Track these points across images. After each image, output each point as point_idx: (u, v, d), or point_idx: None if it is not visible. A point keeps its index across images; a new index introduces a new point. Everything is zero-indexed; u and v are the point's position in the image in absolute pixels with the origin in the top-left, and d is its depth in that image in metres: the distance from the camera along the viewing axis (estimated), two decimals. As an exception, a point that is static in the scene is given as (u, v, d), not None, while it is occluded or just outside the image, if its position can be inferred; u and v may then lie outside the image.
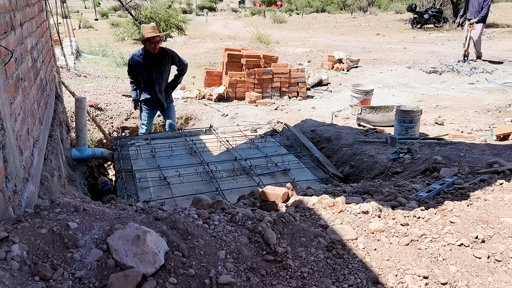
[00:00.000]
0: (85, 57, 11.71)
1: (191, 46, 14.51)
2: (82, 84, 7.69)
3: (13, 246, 1.25)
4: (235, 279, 1.41)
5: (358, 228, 1.83)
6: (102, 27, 22.32)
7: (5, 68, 1.68)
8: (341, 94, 7.57)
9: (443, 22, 19.05)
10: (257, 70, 7.14)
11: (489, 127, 5.18)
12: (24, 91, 2.09)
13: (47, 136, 2.84)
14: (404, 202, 2.25)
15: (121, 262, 1.30)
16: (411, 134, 4.84)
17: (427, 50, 12.45)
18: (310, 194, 2.55)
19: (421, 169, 3.53)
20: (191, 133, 5.21)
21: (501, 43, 13.34)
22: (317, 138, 5.23)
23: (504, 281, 1.53)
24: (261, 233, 1.67)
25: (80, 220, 1.46)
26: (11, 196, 1.54)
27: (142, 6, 17.38)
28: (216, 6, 51.20)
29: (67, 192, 2.87)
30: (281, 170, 4.10)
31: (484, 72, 8.70)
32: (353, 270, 1.60)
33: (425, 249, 1.69)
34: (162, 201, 3.41)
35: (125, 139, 5.03)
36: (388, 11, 30.18)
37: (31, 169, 1.98)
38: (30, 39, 2.55)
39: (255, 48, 11.24)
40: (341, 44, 14.51)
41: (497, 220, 1.85)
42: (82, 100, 4.38)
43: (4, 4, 1.79)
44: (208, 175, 3.96)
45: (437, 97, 7.11)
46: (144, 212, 1.74)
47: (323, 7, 38.46)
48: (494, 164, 2.87)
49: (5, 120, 1.55)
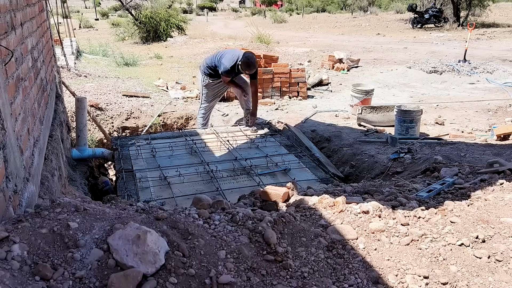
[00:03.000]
0: (85, 57, 11.71)
1: (191, 46, 14.51)
2: (83, 84, 7.69)
3: (14, 246, 1.25)
4: (235, 279, 1.41)
5: (359, 228, 1.83)
6: (103, 27, 22.34)
7: (5, 68, 1.68)
8: (341, 94, 7.57)
9: (444, 22, 19.04)
10: (257, 70, 7.13)
11: (490, 127, 5.18)
12: (24, 91, 2.09)
13: (47, 136, 2.84)
14: (405, 202, 2.25)
15: (121, 262, 1.31)
16: (412, 134, 4.83)
17: (428, 50, 12.45)
18: (311, 194, 2.55)
19: (421, 169, 3.53)
20: (191, 133, 5.22)
21: (501, 43, 13.34)
22: (317, 138, 5.23)
23: (505, 281, 1.52)
24: (262, 233, 1.67)
25: (80, 220, 1.46)
26: (12, 196, 1.54)
27: (142, 6, 17.36)
28: (217, 6, 51.21)
29: (68, 192, 2.87)
30: (282, 170, 4.10)
31: (484, 72, 8.71)
32: (354, 270, 1.60)
33: (426, 249, 1.69)
34: (163, 201, 3.41)
35: (125, 139, 5.03)
36: (389, 11, 30.18)
37: (32, 169, 1.98)
38: (31, 39, 2.55)
39: (256, 48, 11.23)
40: (341, 44, 14.51)
41: (497, 220, 1.85)
42: (83, 100, 4.38)
43: (4, 4, 1.79)
44: (208, 175, 3.96)
45: (438, 97, 7.11)
46: (144, 212, 1.74)
47: (324, 7, 38.47)
48: (494, 164, 2.87)
49: (5, 120, 1.55)
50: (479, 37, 14.94)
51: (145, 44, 15.40)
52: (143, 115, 6.44)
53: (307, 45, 14.15)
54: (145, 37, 16.12)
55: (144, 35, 16.12)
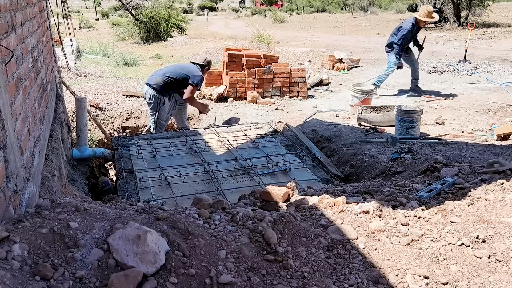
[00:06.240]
0: (85, 57, 11.72)
1: (191, 45, 14.51)
2: (83, 84, 7.70)
3: (14, 245, 1.25)
4: (235, 279, 1.41)
5: (359, 228, 1.83)
6: (103, 27, 22.35)
7: (5, 68, 1.68)
8: (341, 94, 7.56)
9: (444, 22, 19.03)
10: (258, 70, 7.14)
11: (490, 127, 5.18)
12: (25, 91, 2.09)
13: (47, 136, 2.84)
14: (405, 202, 2.25)
15: (121, 262, 1.31)
16: (412, 134, 4.83)
17: (428, 50, 12.41)
18: (311, 194, 2.55)
19: (421, 169, 3.53)
20: (191, 133, 5.22)
21: (501, 43, 13.33)
22: (317, 137, 5.23)
23: (505, 281, 1.52)
24: (262, 233, 1.67)
25: (80, 220, 1.46)
26: (12, 196, 1.54)
27: (142, 6, 17.37)
28: (217, 6, 51.22)
29: (68, 192, 2.87)
30: (282, 170, 4.10)
31: (484, 72, 8.70)
32: (354, 270, 1.59)
33: (426, 249, 1.69)
34: (163, 201, 3.41)
35: (125, 138, 5.04)
36: (389, 11, 30.16)
37: (32, 169, 1.98)
38: (31, 39, 2.55)
39: (256, 48, 11.24)
40: (341, 43, 14.50)
41: (497, 220, 1.85)
42: (83, 100, 4.39)
43: (5, 4, 1.80)
44: (208, 174, 3.96)
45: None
46: (144, 211, 1.74)
47: (324, 6, 38.45)
48: (495, 164, 2.86)
49: (6, 120, 1.55)
50: (479, 37, 14.92)
51: (145, 44, 15.41)
52: (144, 115, 6.44)
53: (307, 45, 14.14)
54: (146, 37, 16.14)
55: (144, 35, 16.14)
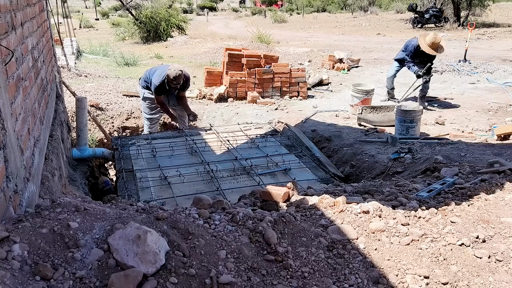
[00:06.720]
0: (85, 57, 11.72)
1: (191, 45, 14.51)
2: (83, 84, 7.70)
3: (14, 245, 1.25)
4: (235, 279, 1.40)
5: (359, 228, 1.83)
6: (103, 27, 22.34)
7: (5, 68, 1.68)
8: (341, 94, 7.56)
9: (444, 22, 19.02)
10: (258, 70, 7.14)
11: (490, 127, 5.18)
12: (25, 91, 2.09)
13: (48, 136, 2.84)
14: (405, 202, 2.25)
15: (122, 262, 1.31)
16: (412, 134, 4.83)
17: (428, 50, 12.40)
18: (311, 194, 2.55)
19: (421, 169, 3.53)
20: (191, 133, 5.22)
21: (501, 43, 13.33)
22: (317, 137, 5.23)
23: (505, 281, 1.52)
24: (262, 233, 1.67)
25: (81, 220, 1.46)
26: (12, 196, 1.54)
27: (142, 5, 17.37)
28: (217, 6, 51.18)
29: (68, 192, 2.87)
30: (282, 169, 4.10)
31: (485, 72, 8.70)
32: (354, 270, 1.59)
33: (426, 249, 1.69)
34: (163, 200, 3.41)
35: (125, 138, 5.04)
36: (389, 11, 30.15)
37: (32, 168, 1.98)
38: (31, 39, 2.55)
39: (256, 48, 11.23)
40: (341, 43, 14.50)
41: (497, 220, 1.85)
42: (83, 100, 4.39)
43: (5, 4, 1.79)
44: (208, 174, 3.96)
45: (438, 96, 7.10)
46: (144, 211, 1.74)
47: (324, 6, 38.44)
48: (495, 163, 2.86)
49: (6, 120, 1.55)
50: (479, 37, 14.92)
51: (145, 44, 15.41)
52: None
53: (307, 45, 14.14)
54: (146, 37, 16.13)
55: (144, 35, 16.13)
